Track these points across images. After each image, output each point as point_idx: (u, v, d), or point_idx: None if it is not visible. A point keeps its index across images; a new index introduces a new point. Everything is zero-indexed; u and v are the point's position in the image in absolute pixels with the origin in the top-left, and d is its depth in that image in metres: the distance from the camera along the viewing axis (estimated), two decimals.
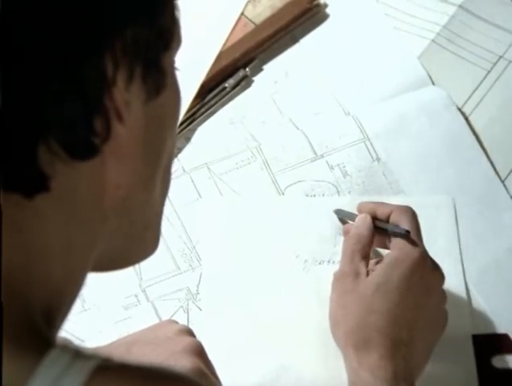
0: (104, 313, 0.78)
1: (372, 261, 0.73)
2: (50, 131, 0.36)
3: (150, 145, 0.42)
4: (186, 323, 0.77)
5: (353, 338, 0.67)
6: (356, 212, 0.76)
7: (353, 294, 0.68)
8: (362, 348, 0.66)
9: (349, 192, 0.82)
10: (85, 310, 0.78)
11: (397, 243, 0.70)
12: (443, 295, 0.71)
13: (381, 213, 0.73)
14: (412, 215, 0.72)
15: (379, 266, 0.69)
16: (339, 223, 0.79)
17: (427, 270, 0.69)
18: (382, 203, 0.75)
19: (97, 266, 0.46)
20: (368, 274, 0.69)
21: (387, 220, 0.72)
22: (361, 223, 0.73)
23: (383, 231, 0.72)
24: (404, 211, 0.72)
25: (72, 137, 0.37)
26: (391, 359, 0.65)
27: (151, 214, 0.47)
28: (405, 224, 0.70)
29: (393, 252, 0.70)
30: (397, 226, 0.71)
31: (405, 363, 0.66)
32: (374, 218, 0.73)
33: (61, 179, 0.38)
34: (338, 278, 0.71)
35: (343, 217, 0.79)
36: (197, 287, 0.79)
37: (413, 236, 0.70)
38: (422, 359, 0.68)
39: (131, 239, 0.47)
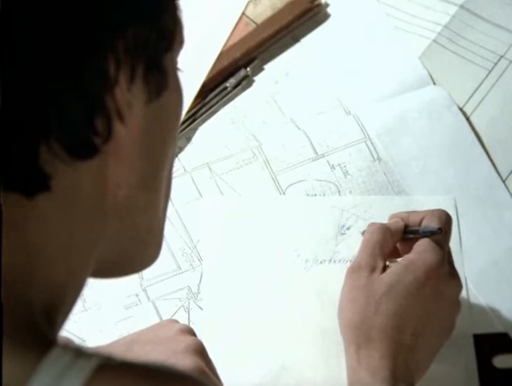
0: (105, 312, 0.78)
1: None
2: (51, 131, 0.36)
3: (151, 145, 0.42)
4: (187, 323, 0.77)
5: (356, 335, 0.67)
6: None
7: (365, 290, 0.67)
8: (364, 346, 0.66)
9: (350, 192, 0.82)
10: (86, 310, 0.78)
11: (417, 246, 0.69)
12: (456, 306, 0.70)
13: (413, 220, 0.71)
14: (446, 218, 0.70)
15: (394, 266, 0.68)
16: (340, 223, 0.79)
17: (442, 278, 0.68)
18: (414, 211, 0.73)
19: (100, 271, 0.46)
20: (383, 271, 0.68)
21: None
22: (393, 222, 0.72)
23: (412, 239, 0.70)
24: (437, 214, 0.70)
25: (73, 136, 0.37)
26: (391, 360, 0.65)
27: (155, 218, 0.47)
28: (436, 225, 0.69)
29: (411, 254, 0.69)
30: (428, 226, 0.69)
31: (405, 365, 0.65)
32: (406, 226, 0.72)
33: (62, 179, 0.38)
34: (353, 270, 0.69)
35: None
36: (198, 286, 0.79)
37: (437, 239, 0.68)
38: (423, 364, 0.68)
39: (134, 242, 0.46)
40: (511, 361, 0.75)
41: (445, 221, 0.70)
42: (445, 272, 0.68)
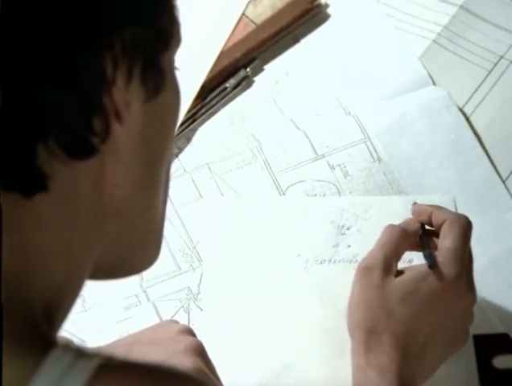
0: (105, 313, 0.78)
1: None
2: (49, 130, 0.36)
3: (149, 144, 0.42)
4: (187, 323, 0.77)
5: (366, 337, 0.66)
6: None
7: (379, 292, 0.67)
8: (374, 349, 0.66)
9: (350, 192, 0.82)
10: (86, 310, 0.78)
11: (438, 256, 0.67)
12: (468, 317, 0.70)
13: (436, 218, 0.70)
14: (463, 229, 0.69)
15: (412, 271, 0.68)
16: (340, 223, 0.79)
17: (457, 291, 0.67)
18: (441, 209, 0.71)
19: (101, 273, 0.46)
20: (396, 274, 0.68)
21: (439, 228, 0.70)
22: (411, 224, 0.71)
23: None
24: (456, 225, 0.69)
25: (71, 136, 0.37)
26: (399, 365, 0.65)
27: (154, 218, 0.47)
28: (449, 240, 0.68)
29: None
30: (430, 254, 0.68)
31: (411, 371, 0.66)
32: (425, 223, 0.71)
33: (60, 179, 0.38)
34: (366, 269, 0.68)
35: None
36: (198, 287, 0.79)
37: (458, 250, 0.67)
38: (429, 371, 0.68)
39: (133, 243, 0.46)
40: (511, 361, 0.75)
41: (462, 232, 0.68)
42: (462, 285, 0.68)
